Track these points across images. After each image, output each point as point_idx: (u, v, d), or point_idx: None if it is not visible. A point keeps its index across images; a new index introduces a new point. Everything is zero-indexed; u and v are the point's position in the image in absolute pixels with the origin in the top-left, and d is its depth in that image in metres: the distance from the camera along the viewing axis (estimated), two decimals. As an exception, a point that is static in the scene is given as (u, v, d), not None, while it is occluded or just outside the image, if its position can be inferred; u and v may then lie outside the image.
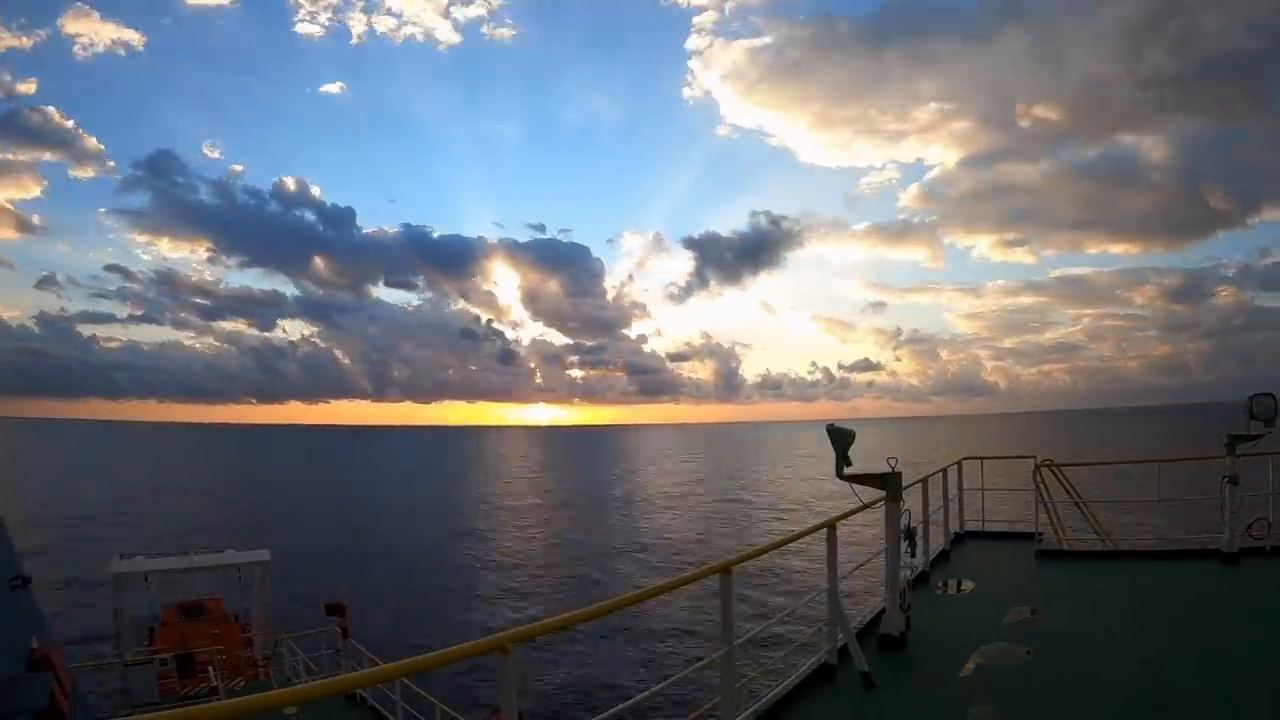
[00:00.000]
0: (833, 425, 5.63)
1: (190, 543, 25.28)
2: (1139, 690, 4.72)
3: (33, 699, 5.85)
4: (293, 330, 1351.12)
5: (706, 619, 20.98)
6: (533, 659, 18.46)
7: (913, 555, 7.08)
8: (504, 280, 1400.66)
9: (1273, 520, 8.00)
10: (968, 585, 7.89)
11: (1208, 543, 8.50)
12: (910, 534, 6.58)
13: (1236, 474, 7.94)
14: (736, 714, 4.26)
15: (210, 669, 12.73)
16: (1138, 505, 15.81)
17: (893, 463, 5.79)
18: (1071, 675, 5.08)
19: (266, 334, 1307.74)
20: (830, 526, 5.50)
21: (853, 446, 5.64)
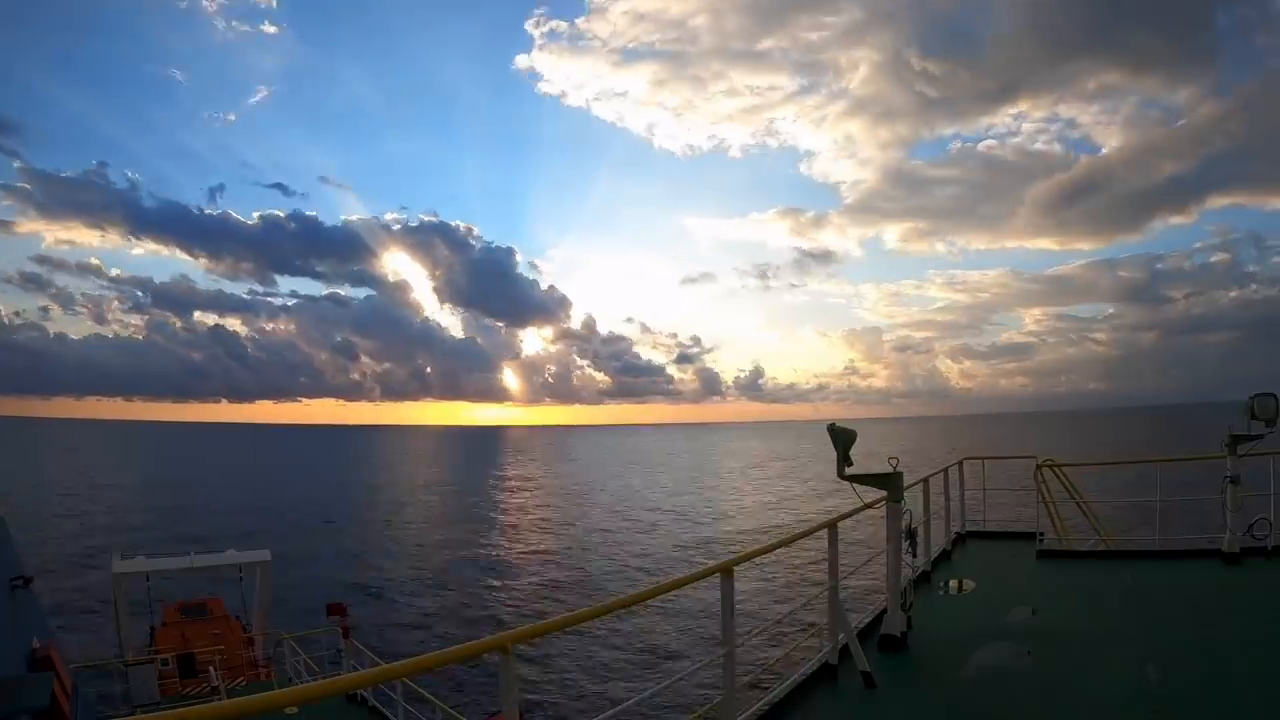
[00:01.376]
0: (834, 425, 5.63)
1: (153, 541, 25.17)
2: (1140, 690, 4.71)
3: (34, 699, 5.87)
4: (208, 320, 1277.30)
5: (706, 619, 20.99)
6: (533, 659, 18.47)
7: (914, 555, 7.08)
8: (412, 270, 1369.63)
9: (1274, 520, 7.98)
10: (969, 585, 7.89)
11: (1209, 543, 8.48)
12: (911, 534, 6.59)
13: (1238, 474, 7.93)
14: (736, 714, 4.26)
15: (211, 669, 12.74)
16: (1138, 505, 15.78)
17: (894, 463, 5.80)
18: (1072, 675, 5.07)
19: (182, 323, 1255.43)
20: (831, 526, 5.52)
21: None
